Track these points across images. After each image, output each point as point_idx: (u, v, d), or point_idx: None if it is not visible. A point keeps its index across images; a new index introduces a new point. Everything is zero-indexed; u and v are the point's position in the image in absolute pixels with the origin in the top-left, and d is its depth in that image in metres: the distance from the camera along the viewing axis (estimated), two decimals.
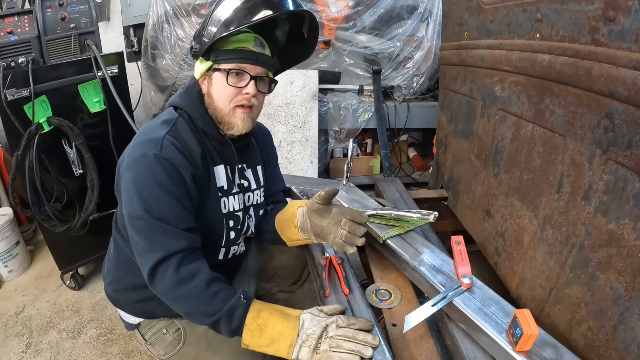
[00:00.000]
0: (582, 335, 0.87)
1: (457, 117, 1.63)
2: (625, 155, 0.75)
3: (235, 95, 0.99)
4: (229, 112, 1.01)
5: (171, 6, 2.40)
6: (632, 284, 0.74)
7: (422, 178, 2.87)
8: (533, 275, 1.06)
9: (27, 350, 1.69)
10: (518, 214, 1.15)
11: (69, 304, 1.96)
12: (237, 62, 0.98)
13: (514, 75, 1.15)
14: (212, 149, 1.05)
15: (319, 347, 0.82)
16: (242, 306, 0.89)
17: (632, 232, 0.74)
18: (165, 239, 0.90)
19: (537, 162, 1.06)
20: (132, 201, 0.91)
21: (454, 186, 1.68)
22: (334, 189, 1.01)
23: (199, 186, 1.00)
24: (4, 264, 2.10)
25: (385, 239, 1.15)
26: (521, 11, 1.10)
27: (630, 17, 0.72)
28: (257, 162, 1.22)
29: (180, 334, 1.12)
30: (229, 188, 1.09)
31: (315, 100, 2.44)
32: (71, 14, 1.79)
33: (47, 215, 1.76)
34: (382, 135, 2.54)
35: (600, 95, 0.80)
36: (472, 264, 0.99)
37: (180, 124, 1.01)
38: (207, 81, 1.02)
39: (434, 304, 0.90)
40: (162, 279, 0.89)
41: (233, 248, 1.15)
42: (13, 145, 1.65)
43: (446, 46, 1.71)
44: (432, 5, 2.46)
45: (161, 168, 0.91)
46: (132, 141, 0.99)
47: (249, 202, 1.19)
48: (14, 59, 1.60)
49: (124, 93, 1.88)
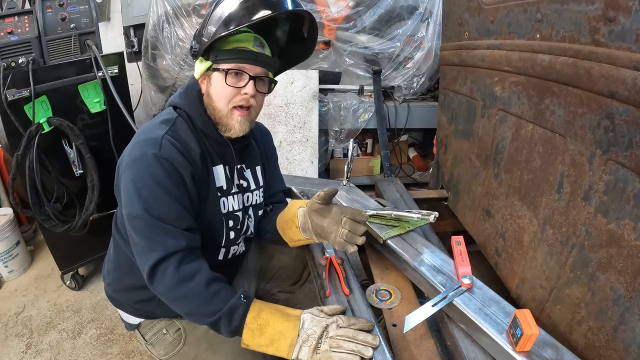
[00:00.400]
0: (582, 335, 0.87)
1: (457, 117, 1.63)
2: (625, 155, 0.75)
3: (234, 95, 0.99)
4: (227, 113, 1.01)
5: (171, 6, 2.40)
6: (632, 284, 0.74)
7: (422, 178, 2.86)
8: (533, 275, 1.06)
9: (27, 350, 1.69)
10: (518, 214, 1.15)
11: (69, 304, 1.96)
12: (235, 61, 0.97)
13: (514, 75, 1.15)
14: (210, 148, 1.05)
15: (319, 347, 0.82)
16: (242, 305, 0.89)
17: (632, 232, 0.74)
18: (164, 238, 0.90)
19: (537, 162, 1.06)
20: (131, 200, 0.90)
21: (454, 186, 1.68)
22: (333, 189, 1.02)
23: (198, 186, 0.99)
24: (4, 264, 2.10)
25: (385, 239, 1.15)
26: (521, 11, 1.10)
27: (630, 17, 0.72)
28: (256, 163, 1.22)
29: (180, 334, 1.12)
30: (227, 188, 1.09)
31: (315, 100, 2.44)
32: (71, 14, 1.79)
33: (47, 215, 1.76)
34: (382, 135, 2.54)
35: (600, 95, 0.80)
36: (472, 264, 0.99)
37: (179, 123, 1.01)
38: (206, 81, 1.02)
39: (434, 304, 0.90)
40: (162, 279, 0.89)
41: (233, 248, 1.15)
42: (13, 145, 1.65)
43: (446, 46, 1.71)
44: (432, 5, 2.46)
45: (160, 167, 0.91)
46: (131, 141, 0.99)
47: (248, 202, 1.19)
48: (14, 59, 1.60)
49: (124, 93, 1.88)
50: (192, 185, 0.97)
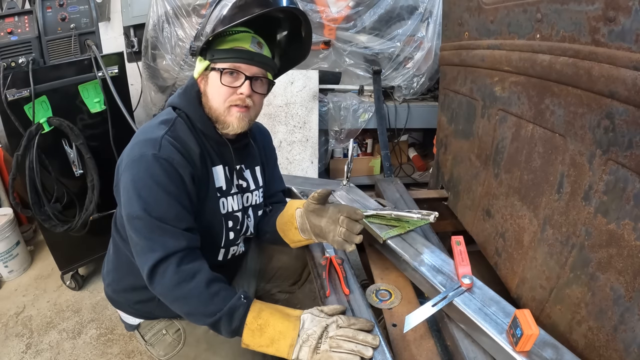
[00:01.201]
0: (582, 335, 0.87)
1: (457, 117, 1.63)
2: (625, 155, 0.75)
3: (230, 94, 0.99)
4: (224, 111, 1.00)
5: (171, 6, 2.40)
6: (632, 284, 0.74)
7: (422, 178, 2.86)
8: (533, 275, 1.06)
9: (27, 350, 1.69)
10: (518, 214, 1.15)
11: (69, 304, 1.96)
12: (231, 61, 0.97)
13: (514, 75, 1.15)
14: (210, 149, 1.05)
15: (319, 347, 0.82)
16: (243, 306, 0.88)
17: (632, 232, 0.74)
18: (164, 238, 0.89)
19: (537, 162, 1.06)
20: (131, 201, 0.90)
21: (454, 186, 1.68)
22: (327, 190, 1.02)
23: (198, 186, 0.99)
24: (4, 264, 2.10)
25: (385, 239, 1.15)
26: (521, 11, 1.10)
27: (630, 17, 0.72)
28: (255, 163, 1.22)
29: (180, 335, 1.12)
30: (227, 188, 1.09)
31: (315, 100, 2.44)
32: (71, 14, 1.79)
33: (47, 215, 1.76)
34: (382, 135, 2.54)
35: (600, 95, 0.80)
36: (472, 264, 0.99)
37: (179, 123, 1.01)
38: (204, 80, 1.02)
39: (434, 304, 0.90)
40: (162, 279, 0.89)
41: (232, 248, 1.15)
42: (13, 145, 1.65)
43: (446, 46, 1.71)
44: (432, 5, 2.46)
45: (160, 168, 0.91)
46: (131, 141, 0.99)
47: (247, 202, 1.19)
48: (14, 59, 1.60)
49: (124, 93, 1.88)
50: (192, 185, 0.97)
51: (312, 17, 2.42)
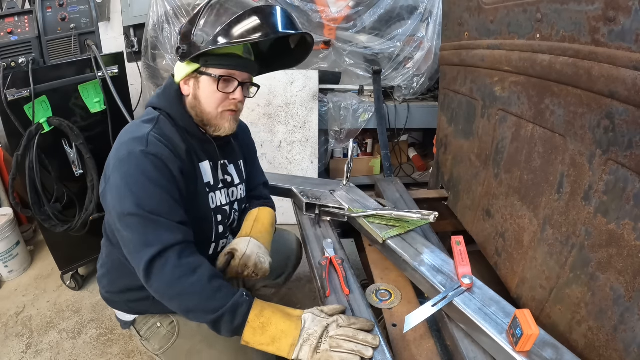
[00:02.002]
0: (582, 335, 0.87)
1: (457, 117, 1.63)
2: (625, 155, 0.75)
3: (224, 100, 1.01)
4: (217, 116, 1.03)
5: (171, 6, 2.40)
6: (632, 284, 0.74)
7: (422, 178, 2.87)
8: (533, 275, 1.06)
9: (27, 350, 1.69)
10: (518, 214, 1.15)
11: (69, 304, 1.96)
12: (227, 68, 0.99)
13: (514, 75, 1.15)
14: (195, 145, 1.06)
15: (319, 347, 0.82)
16: (246, 303, 0.88)
17: (632, 232, 0.74)
18: (159, 232, 0.88)
19: (537, 162, 1.06)
20: (123, 198, 0.90)
21: (454, 186, 1.68)
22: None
23: (187, 181, 1.00)
24: (4, 264, 2.10)
25: (385, 239, 1.16)
26: (521, 11, 1.10)
27: (630, 17, 0.72)
28: (238, 157, 1.24)
29: (174, 327, 1.12)
30: (214, 183, 1.11)
31: (315, 100, 2.44)
32: (71, 14, 1.79)
33: (47, 215, 1.76)
34: (382, 135, 2.54)
35: (600, 95, 0.80)
36: (472, 264, 0.99)
37: (162, 122, 1.02)
38: (192, 83, 1.02)
39: (434, 304, 0.90)
40: (160, 274, 0.87)
41: (222, 242, 1.16)
42: (13, 145, 1.65)
43: (446, 46, 1.71)
44: (432, 5, 2.46)
45: (150, 163, 0.91)
46: (115, 143, 0.99)
47: (233, 196, 1.21)
48: (14, 59, 1.60)
49: (124, 93, 1.88)
50: (182, 179, 0.97)
51: (312, 17, 2.42)
